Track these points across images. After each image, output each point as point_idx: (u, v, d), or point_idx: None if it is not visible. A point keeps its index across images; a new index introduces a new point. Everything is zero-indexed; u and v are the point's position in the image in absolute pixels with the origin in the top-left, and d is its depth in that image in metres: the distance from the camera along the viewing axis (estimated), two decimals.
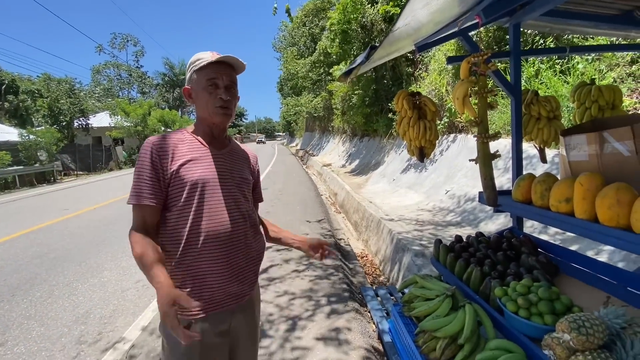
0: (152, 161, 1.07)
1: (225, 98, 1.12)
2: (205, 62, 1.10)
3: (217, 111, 1.13)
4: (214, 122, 1.15)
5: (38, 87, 22.15)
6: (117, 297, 3.35)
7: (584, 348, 0.93)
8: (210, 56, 1.12)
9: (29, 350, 2.56)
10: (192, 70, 1.13)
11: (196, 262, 1.10)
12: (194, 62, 1.13)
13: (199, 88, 1.13)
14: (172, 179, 1.08)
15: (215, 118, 1.14)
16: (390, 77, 9.96)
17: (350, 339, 2.38)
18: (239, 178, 1.20)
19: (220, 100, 1.12)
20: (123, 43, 36.91)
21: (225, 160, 1.19)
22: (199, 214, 1.09)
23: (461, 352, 1.32)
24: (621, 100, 1.96)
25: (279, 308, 2.90)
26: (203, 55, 1.13)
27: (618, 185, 1.12)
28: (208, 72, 1.11)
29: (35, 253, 4.79)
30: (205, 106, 1.13)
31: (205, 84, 1.11)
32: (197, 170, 1.10)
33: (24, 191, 13.24)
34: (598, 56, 4.38)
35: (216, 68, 1.11)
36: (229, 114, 1.16)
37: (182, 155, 1.11)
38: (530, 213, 1.59)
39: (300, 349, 2.33)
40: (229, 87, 1.14)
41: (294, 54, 21.89)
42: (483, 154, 1.61)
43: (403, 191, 6.69)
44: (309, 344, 2.37)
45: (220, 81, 1.12)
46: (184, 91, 1.18)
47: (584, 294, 1.38)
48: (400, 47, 2.11)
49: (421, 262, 3.04)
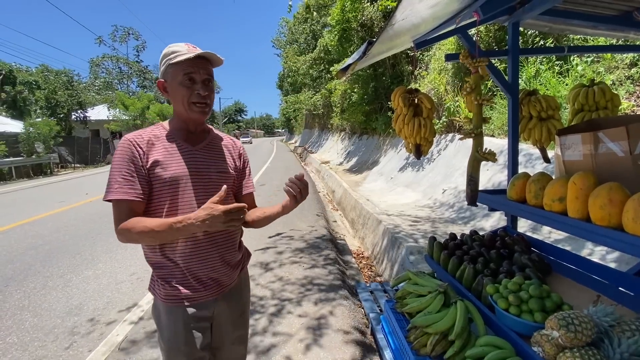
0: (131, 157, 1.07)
1: (203, 94, 1.09)
2: (183, 58, 1.05)
3: (194, 107, 1.10)
4: (190, 118, 1.13)
5: (36, 78, 21.99)
6: (111, 290, 3.35)
7: (572, 345, 0.93)
8: (186, 49, 1.08)
9: (21, 340, 2.56)
10: (166, 63, 1.09)
11: (175, 258, 1.12)
12: (169, 54, 1.09)
13: (174, 82, 1.09)
14: (148, 177, 1.09)
15: (192, 114, 1.11)
16: (390, 75, 9.94)
17: (339, 330, 2.39)
18: (216, 173, 1.17)
19: (198, 95, 1.09)
20: (124, 36, 36.61)
21: (201, 155, 1.16)
22: (172, 213, 1.09)
23: (452, 348, 1.32)
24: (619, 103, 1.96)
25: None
26: (178, 48, 1.09)
27: (610, 185, 1.12)
28: (184, 66, 1.07)
29: (30, 244, 4.77)
30: (181, 102, 1.10)
31: (182, 78, 1.07)
32: (169, 168, 1.09)
33: (20, 183, 13.18)
34: (597, 58, 4.38)
35: (193, 62, 1.07)
36: (206, 110, 1.13)
37: (156, 152, 1.10)
38: (524, 212, 1.59)
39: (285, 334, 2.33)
40: (206, 81, 1.11)
41: (295, 51, 21.82)
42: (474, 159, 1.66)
43: (400, 189, 6.70)
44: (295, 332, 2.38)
45: (197, 75, 1.08)
46: (158, 84, 1.15)
47: (574, 292, 1.38)
48: (398, 43, 2.10)
49: (416, 259, 3.05)
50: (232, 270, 1.24)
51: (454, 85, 6.77)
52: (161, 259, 1.13)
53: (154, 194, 1.09)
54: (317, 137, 24.74)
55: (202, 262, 1.14)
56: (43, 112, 20.20)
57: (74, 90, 22.09)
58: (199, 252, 1.13)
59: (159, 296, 1.15)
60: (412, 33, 1.86)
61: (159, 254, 1.13)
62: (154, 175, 1.08)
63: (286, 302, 2.94)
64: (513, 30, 1.88)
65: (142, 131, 1.14)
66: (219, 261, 1.17)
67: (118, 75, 36.27)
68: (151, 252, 1.15)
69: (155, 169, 1.08)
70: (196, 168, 1.13)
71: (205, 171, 1.15)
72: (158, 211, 1.10)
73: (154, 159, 1.08)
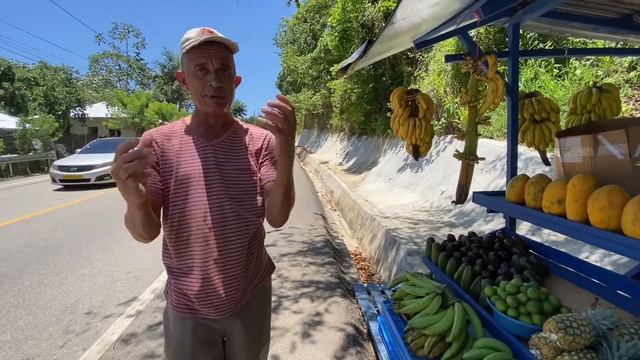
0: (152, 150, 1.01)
1: (216, 85, 0.99)
2: (192, 44, 0.96)
3: (207, 101, 1.01)
4: (206, 112, 1.05)
5: (34, 75, 21.88)
6: (106, 288, 3.32)
7: (571, 348, 0.93)
8: (198, 35, 0.97)
9: (15, 338, 2.53)
10: (182, 52, 1.01)
11: (189, 265, 1.04)
12: (183, 42, 1.00)
13: (188, 74, 1.01)
14: (163, 175, 1.03)
15: (206, 107, 1.03)
16: (389, 76, 9.95)
17: (335, 328, 2.38)
18: (232, 171, 1.06)
19: (210, 88, 0.99)
20: (124, 34, 36.52)
21: (216, 151, 1.06)
22: (186, 213, 1.02)
23: (449, 350, 1.32)
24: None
25: None
26: (191, 34, 0.99)
27: (610, 188, 1.11)
28: (196, 55, 0.98)
29: (25, 242, 4.74)
30: (195, 95, 1.02)
31: (194, 69, 0.99)
32: (181, 165, 1.03)
33: (17, 180, 13.10)
34: (596, 62, 4.39)
35: (205, 50, 0.97)
36: (222, 102, 1.03)
37: (171, 148, 1.04)
38: (523, 214, 1.59)
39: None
40: (220, 70, 1.00)
41: (294, 50, 21.81)
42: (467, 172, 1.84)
43: (399, 190, 6.70)
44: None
45: (210, 65, 0.98)
46: (177, 76, 1.08)
47: (573, 295, 1.38)
48: (398, 43, 2.09)
49: (414, 261, 3.04)
50: (251, 283, 1.13)
51: (454, 87, 6.77)
52: (174, 263, 1.06)
53: (170, 192, 1.03)
54: (316, 137, 24.73)
55: (218, 273, 1.03)
56: (41, 109, 20.10)
57: (73, 87, 22.01)
58: (214, 261, 1.03)
59: (171, 302, 1.10)
60: (413, 33, 1.86)
61: (173, 259, 1.06)
62: (166, 172, 1.03)
63: (283, 299, 2.94)
64: (513, 31, 1.88)
65: (163, 127, 1.09)
66: (236, 272, 1.06)
67: (118, 72, 36.18)
68: (166, 256, 1.09)
69: (168, 166, 1.03)
70: (209, 165, 1.04)
71: (219, 168, 1.04)
72: (175, 211, 1.03)
73: (167, 155, 1.03)
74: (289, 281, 3.31)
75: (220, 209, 1.03)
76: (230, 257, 1.04)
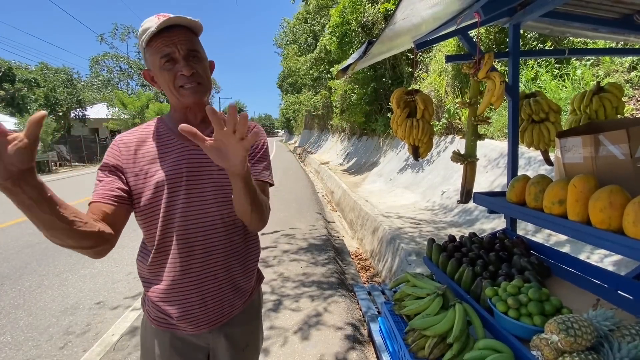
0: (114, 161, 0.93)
1: (189, 73, 0.89)
2: (151, 33, 0.86)
3: (182, 92, 0.91)
4: (185, 105, 0.95)
5: (35, 76, 21.94)
6: (107, 289, 3.32)
7: (572, 349, 0.92)
8: (155, 23, 0.86)
9: (15, 339, 2.53)
10: (142, 47, 0.91)
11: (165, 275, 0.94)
12: (141, 35, 0.89)
13: (155, 69, 0.91)
14: (134, 180, 0.93)
15: (185, 99, 0.92)
16: (390, 77, 9.95)
17: (336, 328, 2.38)
18: (218, 171, 0.96)
19: (183, 77, 0.89)
20: (125, 34, 36.60)
21: (198, 151, 0.95)
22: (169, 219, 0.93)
23: (450, 351, 1.31)
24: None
25: None
26: (148, 24, 0.88)
27: (611, 188, 1.11)
28: (159, 46, 0.88)
29: (26, 243, 4.74)
30: (168, 89, 0.92)
31: (160, 62, 0.89)
32: (159, 170, 0.93)
33: None
34: (597, 62, 4.39)
35: (167, 38, 0.87)
36: (199, 89, 0.92)
37: (147, 152, 0.95)
38: (524, 214, 1.58)
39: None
40: (188, 56, 0.90)
41: (295, 51, 21.84)
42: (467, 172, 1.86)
43: (399, 191, 6.69)
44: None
45: (177, 53, 0.88)
46: (144, 76, 0.97)
47: (574, 296, 1.37)
48: (399, 44, 2.09)
49: (415, 261, 3.04)
50: (238, 296, 1.03)
51: (454, 87, 6.77)
52: (148, 274, 0.97)
53: (146, 198, 0.92)
54: (316, 137, 24.74)
55: (198, 285, 0.94)
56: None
57: (74, 88, 22.06)
58: (195, 271, 0.94)
59: (148, 314, 1.02)
60: (413, 33, 1.86)
61: (146, 269, 0.97)
62: (139, 178, 0.93)
63: (284, 299, 2.94)
64: (514, 32, 1.88)
65: (135, 129, 1.00)
66: (219, 284, 0.97)
67: (119, 73, 36.26)
68: (140, 265, 0.99)
69: (141, 171, 0.93)
70: (191, 167, 0.94)
71: (203, 169, 0.95)
72: (154, 217, 0.93)
73: (140, 161, 0.94)
74: (290, 280, 3.31)
75: (204, 214, 0.94)
76: (213, 268, 0.96)
